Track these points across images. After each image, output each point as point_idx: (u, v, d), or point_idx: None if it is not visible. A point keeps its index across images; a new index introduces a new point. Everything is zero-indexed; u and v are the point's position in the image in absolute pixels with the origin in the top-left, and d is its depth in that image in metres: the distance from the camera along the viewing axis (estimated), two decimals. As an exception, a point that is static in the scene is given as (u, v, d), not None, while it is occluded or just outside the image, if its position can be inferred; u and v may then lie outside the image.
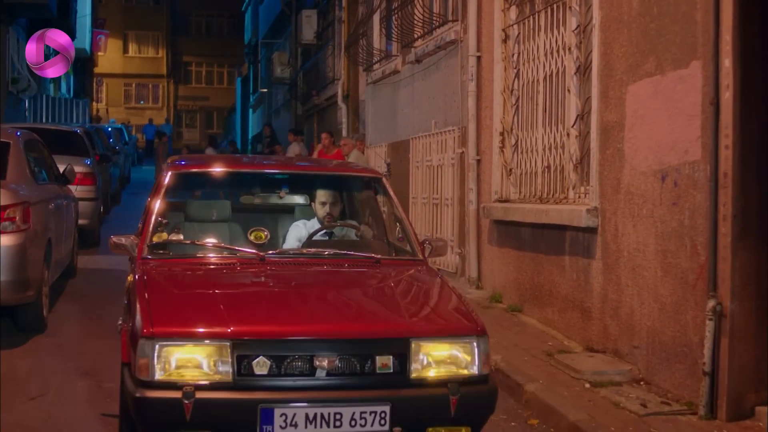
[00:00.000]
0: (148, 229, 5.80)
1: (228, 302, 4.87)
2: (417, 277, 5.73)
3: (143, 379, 4.50)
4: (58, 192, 9.63)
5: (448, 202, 11.14)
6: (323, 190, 6.36)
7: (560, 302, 8.06)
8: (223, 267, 5.56)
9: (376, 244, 6.29)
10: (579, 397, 6.29)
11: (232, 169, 6.48)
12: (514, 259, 9.17)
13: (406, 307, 5.05)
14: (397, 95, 13.85)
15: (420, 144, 12.36)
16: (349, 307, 5.13)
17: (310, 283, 5.41)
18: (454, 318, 5.04)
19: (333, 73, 19.24)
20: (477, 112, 10.19)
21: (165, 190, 6.07)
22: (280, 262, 5.61)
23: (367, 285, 5.52)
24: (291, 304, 4.98)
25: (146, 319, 4.62)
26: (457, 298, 5.23)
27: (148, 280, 5.21)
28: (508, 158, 9.40)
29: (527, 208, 8.59)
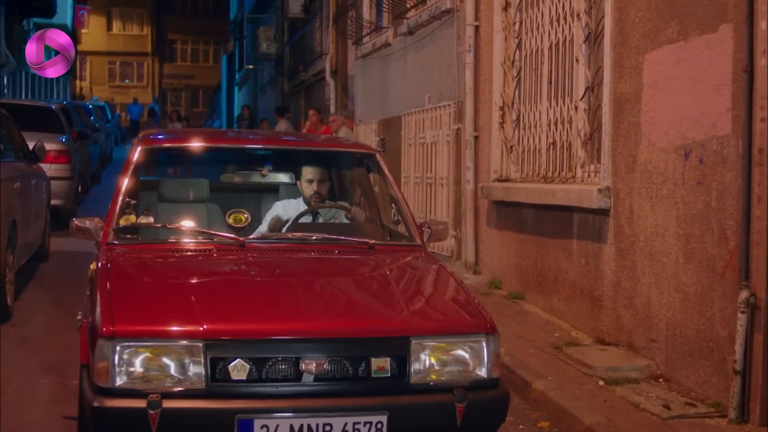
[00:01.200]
0: (114, 210, 5.17)
1: (201, 295, 4.24)
2: (416, 266, 5.12)
3: (102, 386, 3.88)
4: (25, 170, 8.98)
5: (443, 181, 10.52)
6: (310, 166, 5.74)
7: (567, 290, 7.46)
8: (197, 254, 4.93)
9: (369, 227, 5.66)
10: (593, 397, 5.69)
11: (209, 144, 5.83)
12: (515, 243, 8.56)
13: (405, 300, 4.42)
14: (388, 69, 13.20)
15: (413, 120, 11.72)
16: (340, 301, 4.49)
17: (295, 272, 4.78)
18: (460, 313, 4.43)
19: (321, 47, 18.56)
20: (475, 86, 9.57)
21: (134, 167, 5.44)
22: (261, 249, 4.99)
23: (360, 274, 4.90)
24: (273, 297, 4.34)
25: (106, 316, 3.99)
26: (462, 289, 4.62)
27: (112, 270, 4.58)
28: (509, 135, 8.78)
29: (531, 188, 7.98)
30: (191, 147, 5.85)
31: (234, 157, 6.21)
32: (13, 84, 25.90)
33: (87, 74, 57.08)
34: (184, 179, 6.29)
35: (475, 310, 4.36)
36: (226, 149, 5.99)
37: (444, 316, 4.42)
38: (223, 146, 5.94)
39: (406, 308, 4.29)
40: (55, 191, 11.95)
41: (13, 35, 27.64)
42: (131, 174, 5.38)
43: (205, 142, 5.85)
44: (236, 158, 6.23)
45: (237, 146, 5.96)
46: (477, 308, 4.37)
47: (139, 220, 5.25)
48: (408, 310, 4.27)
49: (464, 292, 4.59)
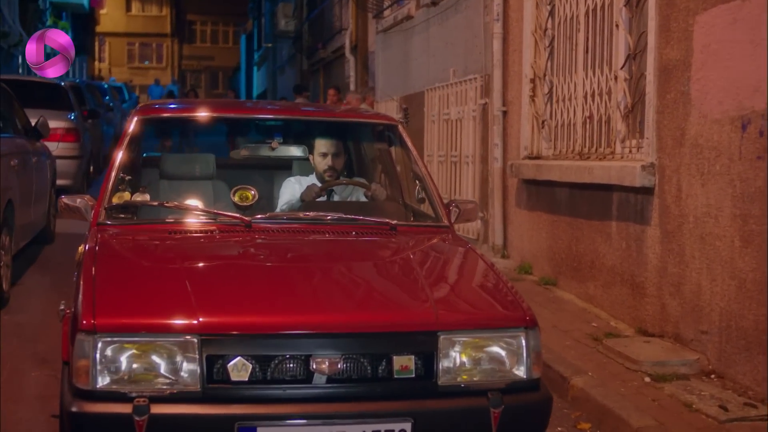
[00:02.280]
0: (107, 187, 4.64)
1: (198, 283, 3.69)
2: (443, 249, 4.55)
3: (81, 388, 3.35)
4: (25, 147, 8.45)
5: (469, 160, 9.94)
6: (324, 139, 5.18)
7: (605, 275, 6.87)
8: (197, 235, 4.38)
9: (390, 206, 5.10)
10: (640, 395, 5.11)
11: (213, 113, 5.26)
12: (547, 225, 7.97)
13: (431, 289, 3.85)
14: (411, 43, 12.61)
15: (436, 96, 11.13)
16: (357, 290, 3.92)
17: (306, 256, 4.22)
18: (495, 304, 3.86)
19: (340, 22, 17.95)
20: (503, 57, 8.96)
21: (130, 139, 4.90)
22: (270, 230, 4.43)
23: (380, 259, 4.34)
24: (281, 285, 3.77)
25: (88, 306, 3.46)
26: (496, 276, 4.06)
27: (99, 253, 4.04)
28: (540, 109, 8.18)
29: (565, 165, 7.38)
30: (193, 117, 5.29)
31: (240, 129, 5.65)
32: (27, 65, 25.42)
33: (106, 56, 56.71)
34: (187, 154, 5.74)
35: (512, 300, 3.80)
36: (231, 119, 5.42)
37: (476, 307, 3.84)
38: (228, 116, 5.36)
39: (433, 298, 3.72)
40: (63, 171, 11.45)
41: (28, 14, 27.23)
42: (126, 147, 4.84)
43: (208, 111, 5.28)
44: (243, 130, 5.67)
45: (244, 116, 5.39)
46: (514, 298, 3.80)
47: (134, 198, 4.70)
48: (435, 300, 3.70)
49: (499, 279, 4.02)
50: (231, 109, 5.41)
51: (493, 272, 4.11)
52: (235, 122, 5.56)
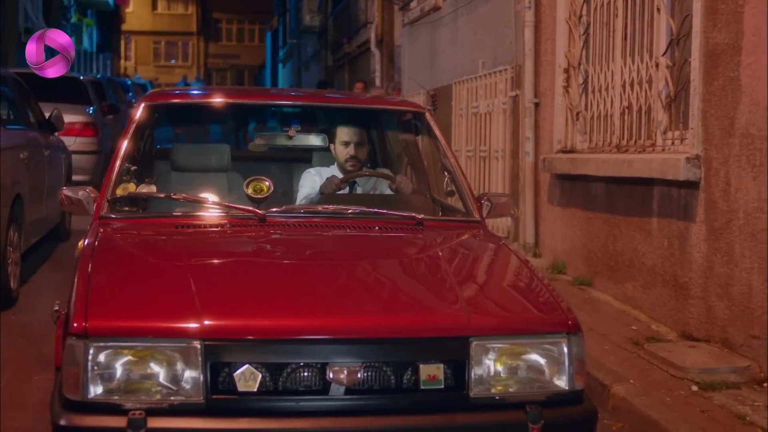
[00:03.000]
0: (110, 178, 4.29)
1: (204, 282, 3.32)
2: (474, 246, 4.17)
3: (71, 399, 3.00)
4: (37, 140, 8.13)
5: (499, 154, 9.54)
6: (346, 127, 4.82)
7: (645, 275, 6.46)
8: (206, 230, 4.01)
9: (416, 199, 4.72)
10: (687, 406, 4.71)
11: (226, 99, 4.88)
12: (582, 222, 7.57)
13: (462, 289, 3.47)
14: (438, 35, 12.22)
15: (464, 89, 10.74)
16: (380, 291, 3.53)
17: (324, 253, 3.85)
18: (533, 307, 3.47)
19: (365, 15, 17.58)
20: (535, 47, 8.56)
21: (136, 127, 4.55)
22: (285, 224, 4.06)
23: (406, 257, 3.95)
24: (295, 285, 3.39)
25: (80, 308, 3.10)
26: (534, 276, 3.67)
27: (98, 249, 3.69)
28: (575, 100, 7.77)
29: (602, 158, 6.97)
30: (205, 103, 4.93)
31: (256, 116, 5.29)
32: (52, 60, 25.22)
33: (132, 54, 56.74)
34: (200, 145, 5.39)
35: (552, 302, 3.41)
36: (246, 106, 5.04)
37: (512, 310, 3.45)
38: (243, 102, 4.98)
39: (464, 300, 3.33)
40: (80, 166, 11.15)
41: (51, 11, 27.11)
42: (132, 135, 4.49)
43: (221, 97, 4.91)
44: (259, 117, 5.31)
45: (259, 102, 5.01)
46: (554, 300, 3.42)
47: (140, 190, 4.35)
48: (466, 302, 3.32)
49: (537, 278, 3.64)
50: (245, 95, 5.04)
51: (529, 271, 3.72)
52: (250, 109, 5.21)
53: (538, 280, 3.61)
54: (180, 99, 4.91)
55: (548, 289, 3.50)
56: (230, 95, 4.94)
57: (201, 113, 5.23)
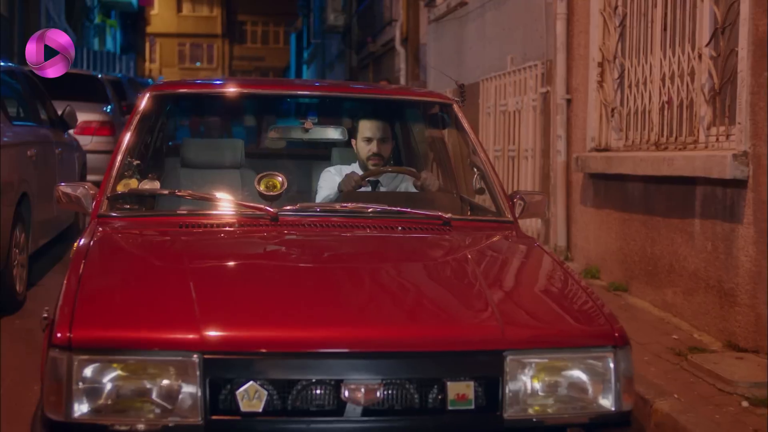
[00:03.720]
0: (111, 174, 3.96)
1: (206, 288, 2.97)
2: (507, 248, 3.80)
3: (54, 418, 2.65)
4: (47, 137, 7.82)
5: (528, 154, 9.15)
6: (368, 120, 4.47)
7: (686, 281, 6.05)
8: (213, 230, 3.66)
9: (443, 198, 4.36)
10: (738, 424, 4.31)
11: (239, 89, 4.52)
12: (617, 224, 7.17)
13: (495, 297, 3.09)
14: (464, 32, 11.85)
15: (492, 86, 10.36)
16: (402, 298, 3.16)
17: (341, 256, 3.49)
18: (575, 317, 3.09)
19: (390, 13, 17.22)
20: (567, 40, 8.17)
21: (140, 118, 4.21)
22: (299, 224, 3.71)
23: (431, 260, 3.58)
24: (308, 291, 3.03)
25: (65, 316, 2.76)
26: (575, 282, 3.30)
27: (92, 250, 3.36)
28: (610, 95, 7.37)
29: (640, 156, 6.57)
30: (216, 93, 4.58)
31: (271, 108, 4.94)
32: (74, 61, 25.11)
33: (157, 56, 56.70)
34: (212, 140, 5.06)
35: (596, 311, 3.04)
36: (259, 96, 4.69)
37: (551, 320, 3.06)
38: (255, 92, 4.61)
39: (497, 308, 2.96)
40: (96, 165, 10.79)
41: (74, 11, 26.97)
42: (136, 128, 4.16)
43: (234, 87, 4.55)
44: (273, 108, 4.96)
45: (273, 92, 4.64)
46: (598, 309, 3.04)
47: (142, 185, 4.01)
48: (499, 311, 2.94)
49: (578, 285, 3.26)
50: (259, 85, 4.68)
51: (569, 276, 3.35)
52: (265, 100, 4.85)
53: (580, 287, 3.23)
54: (188, 88, 4.56)
55: (591, 297, 3.13)
56: (243, 85, 4.59)
57: (212, 104, 4.89)
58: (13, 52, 18.82)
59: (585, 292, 3.17)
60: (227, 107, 5.05)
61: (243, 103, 4.92)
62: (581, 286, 3.23)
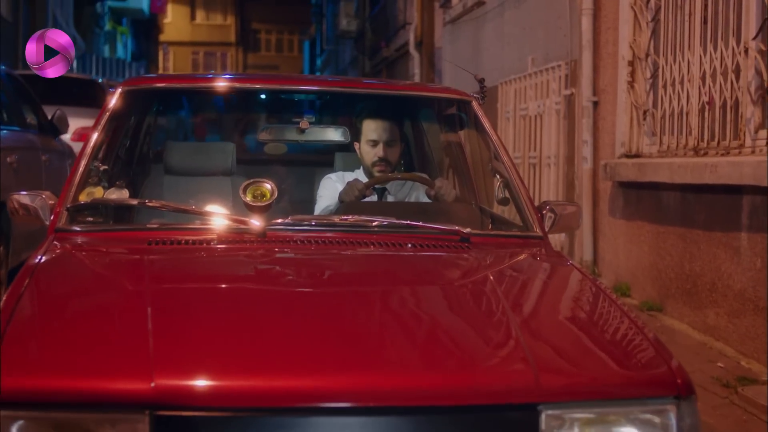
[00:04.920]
0: (72, 181, 3.39)
1: (167, 323, 2.39)
2: (538, 271, 3.20)
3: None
4: (32, 143, 7.28)
5: (551, 161, 8.55)
6: (373, 120, 3.89)
7: (731, 301, 5.44)
8: (187, 248, 3.07)
9: (461, 209, 3.77)
10: (805, 473, 3.70)
11: (224, 84, 3.92)
12: (650, 236, 6.55)
13: (528, 335, 2.48)
14: (482, 33, 11.26)
15: (511, 89, 9.77)
16: (412, 337, 2.53)
17: (339, 283, 2.89)
18: (628, 361, 2.47)
19: (404, 16, 16.65)
20: (594, 38, 7.58)
21: (110, 117, 3.64)
22: (291, 240, 3.12)
23: (448, 286, 2.95)
24: (295, 330, 2.42)
25: (-14, 359, 2.17)
26: (624, 316, 2.69)
27: (38, 273, 2.78)
28: (641, 96, 6.77)
29: (677, 163, 5.96)
30: (199, 88, 3.99)
31: (261, 105, 4.36)
32: (83, 67, 24.69)
33: (170, 65, 56.28)
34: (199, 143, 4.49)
35: (653, 353, 2.44)
36: (248, 92, 4.07)
37: (597, 365, 2.44)
38: (244, 87, 4.00)
39: (530, 350, 2.35)
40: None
41: (83, 18, 26.55)
42: (105, 128, 3.59)
43: (220, 82, 3.96)
44: (265, 106, 4.38)
45: (264, 87, 4.03)
46: (656, 350, 2.44)
47: (108, 195, 3.43)
48: (533, 354, 2.34)
49: (629, 319, 2.65)
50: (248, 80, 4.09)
51: (616, 307, 2.74)
52: (255, 96, 4.26)
53: (630, 320, 2.63)
54: (168, 83, 3.95)
55: (645, 334, 2.52)
56: (232, 79, 3.99)
57: (196, 102, 4.32)
58: (17, 56, 18.39)
59: (637, 328, 2.57)
60: (215, 105, 4.49)
61: (233, 100, 4.35)
62: (632, 320, 2.63)
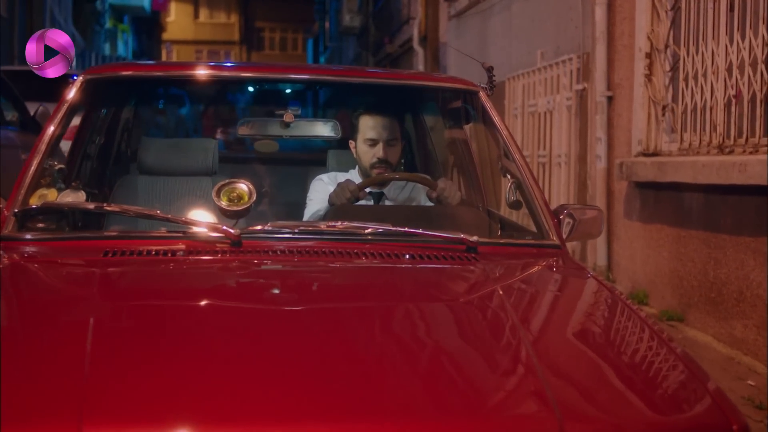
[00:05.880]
0: (22, 182, 2.97)
1: (110, 354, 1.95)
2: (557, 289, 2.76)
3: None
4: (11, 140, 6.91)
5: (561, 160, 8.10)
6: (373, 116, 3.46)
7: (761, 312, 4.99)
8: (149, 260, 2.63)
9: (467, 214, 3.33)
10: None
11: (199, 72, 3.47)
12: (670, 241, 6.11)
13: (549, 372, 2.02)
14: (488, 26, 10.83)
15: (519, 85, 9.32)
16: (412, 374, 2.05)
17: (324, 303, 2.44)
18: (669, 401, 2.02)
19: (408, 10, 16.21)
20: (608, 29, 7.12)
21: (69, 109, 3.21)
22: (270, 251, 2.68)
23: (453, 307, 2.50)
24: (269, 365, 1.97)
25: None
26: (662, 343, 2.25)
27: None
28: (660, 91, 6.33)
29: (701, 162, 5.51)
30: (172, 77, 3.54)
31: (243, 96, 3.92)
32: (83, 65, 24.28)
33: (174, 63, 55.98)
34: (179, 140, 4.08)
35: (700, 390, 2.00)
36: (227, 81, 3.61)
37: (633, 410, 1.98)
38: (222, 76, 3.53)
39: (552, 391, 1.90)
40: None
41: (82, 15, 26.16)
42: (61, 122, 3.16)
43: (196, 70, 3.51)
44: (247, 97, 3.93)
45: (245, 76, 3.58)
46: (703, 386, 2.00)
47: (62, 198, 2.99)
48: (556, 394, 1.89)
49: (668, 348, 2.22)
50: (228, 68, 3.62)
51: (653, 334, 2.30)
52: (236, 87, 3.82)
53: (672, 352, 2.19)
54: (134, 71, 3.50)
55: (693, 371, 2.09)
56: (208, 67, 3.54)
57: (170, 93, 3.88)
58: (13, 54, 18.01)
59: (682, 361, 2.13)
60: (194, 97, 4.05)
61: (213, 90, 3.91)
62: (673, 350, 2.20)
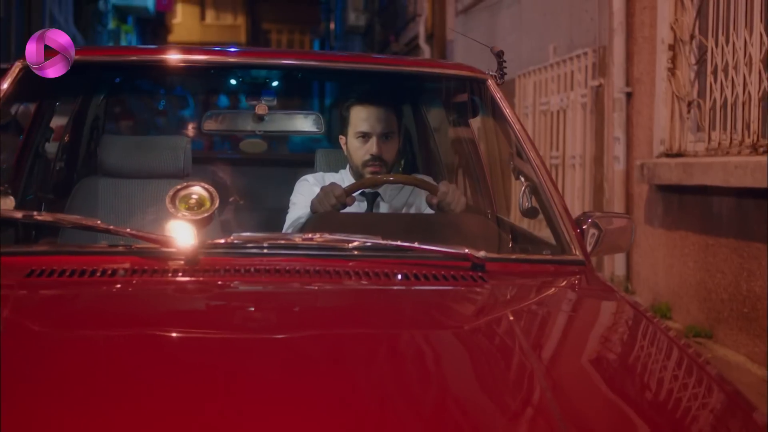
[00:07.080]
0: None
1: (27, 401, 1.47)
2: (582, 316, 2.26)
3: None
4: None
5: (576, 161, 7.61)
6: (365, 107, 2.98)
7: (802, 330, 4.50)
8: (80, 283, 2.13)
9: (472, 223, 2.82)
10: None
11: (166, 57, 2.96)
12: (697, 249, 5.60)
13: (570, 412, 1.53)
14: (497, 22, 10.34)
15: (530, 82, 8.82)
16: (407, 416, 1.55)
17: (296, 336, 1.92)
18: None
19: (414, 7, 15.75)
20: (626, 19, 6.62)
21: (5, 102, 2.73)
22: (232, 269, 2.19)
23: (457, 341, 2.00)
24: (225, 409, 1.49)
25: None
26: (703, 373, 1.77)
27: None
28: (685, 85, 5.83)
29: (734, 163, 5.01)
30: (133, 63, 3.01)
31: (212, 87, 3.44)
32: (84, 66, 23.90)
33: (180, 66, 55.72)
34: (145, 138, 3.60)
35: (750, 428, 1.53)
36: (193, 69, 3.09)
37: None
38: (190, 61, 3.00)
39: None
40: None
41: (84, 15, 25.79)
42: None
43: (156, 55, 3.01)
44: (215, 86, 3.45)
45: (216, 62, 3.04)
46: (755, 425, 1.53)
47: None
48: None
49: (710, 378, 1.75)
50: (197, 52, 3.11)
51: (694, 363, 1.82)
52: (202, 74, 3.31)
53: (713, 381, 1.71)
54: (84, 55, 2.99)
55: (736, 401, 1.61)
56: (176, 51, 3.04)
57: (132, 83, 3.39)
58: (9, 52, 17.63)
59: (723, 391, 1.65)
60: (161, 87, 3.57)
61: (179, 80, 3.42)
62: (713, 378, 1.71)
